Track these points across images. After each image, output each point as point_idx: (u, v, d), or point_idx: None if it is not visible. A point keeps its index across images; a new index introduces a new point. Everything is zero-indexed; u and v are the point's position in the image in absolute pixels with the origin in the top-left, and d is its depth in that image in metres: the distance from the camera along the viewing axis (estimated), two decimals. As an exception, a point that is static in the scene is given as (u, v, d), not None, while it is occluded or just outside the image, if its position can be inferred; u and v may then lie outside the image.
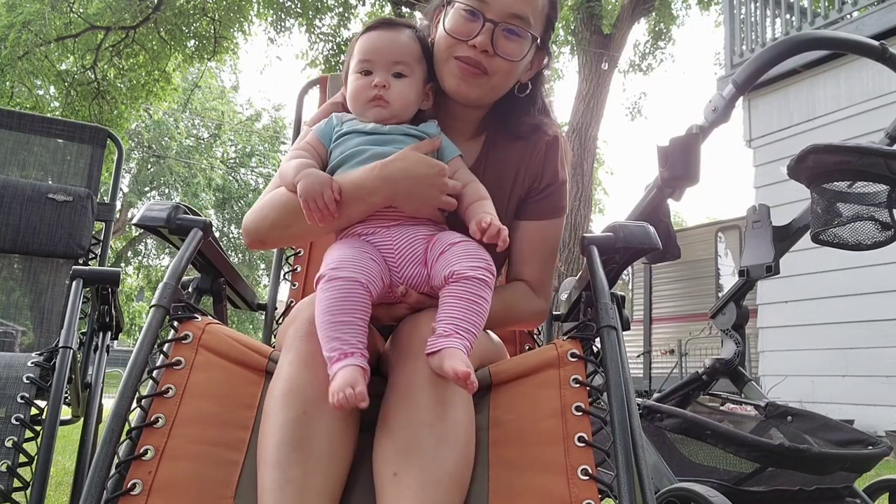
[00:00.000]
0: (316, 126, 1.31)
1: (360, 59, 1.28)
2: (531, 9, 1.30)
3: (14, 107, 9.81)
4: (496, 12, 1.27)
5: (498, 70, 1.29)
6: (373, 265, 1.13)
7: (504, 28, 1.27)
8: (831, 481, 1.68)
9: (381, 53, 1.27)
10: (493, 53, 1.27)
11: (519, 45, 1.30)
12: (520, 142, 1.40)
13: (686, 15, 13.31)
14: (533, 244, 1.39)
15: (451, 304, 1.09)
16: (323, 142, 1.28)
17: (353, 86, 1.29)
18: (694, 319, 7.96)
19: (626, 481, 0.96)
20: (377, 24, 1.33)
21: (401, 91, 1.27)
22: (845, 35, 2.05)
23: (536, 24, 1.32)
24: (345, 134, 1.27)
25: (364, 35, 1.31)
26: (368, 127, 1.26)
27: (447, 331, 1.06)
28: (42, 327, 2.35)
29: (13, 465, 1.42)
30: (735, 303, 2.13)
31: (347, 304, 1.06)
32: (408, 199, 1.20)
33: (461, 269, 1.11)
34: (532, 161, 1.40)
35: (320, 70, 10.79)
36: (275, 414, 1.02)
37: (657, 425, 1.71)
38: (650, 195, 1.81)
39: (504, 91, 1.35)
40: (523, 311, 1.38)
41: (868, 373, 5.42)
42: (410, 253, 1.19)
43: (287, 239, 1.39)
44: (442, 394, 1.05)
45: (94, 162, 2.60)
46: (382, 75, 1.26)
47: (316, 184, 1.15)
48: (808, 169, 1.79)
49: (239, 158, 22.65)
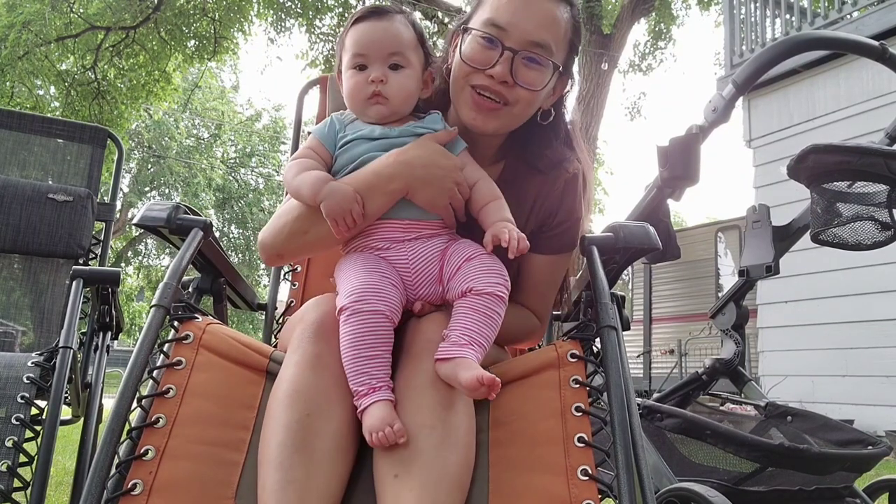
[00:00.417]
0: (316, 129, 1.27)
1: (353, 53, 1.22)
2: (553, 35, 1.24)
3: (14, 107, 9.81)
4: (516, 40, 1.21)
5: (518, 100, 1.24)
6: (393, 291, 1.12)
7: (524, 56, 1.22)
8: (831, 481, 1.68)
9: (375, 46, 1.21)
10: (513, 83, 1.22)
11: (540, 74, 1.24)
12: (539, 175, 1.35)
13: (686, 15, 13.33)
14: (540, 277, 1.37)
15: (467, 315, 1.09)
16: (326, 146, 1.24)
17: (350, 83, 1.24)
18: (694, 319, 7.96)
19: (626, 481, 0.96)
20: (366, 13, 1.25)
21: (400, 84, 1.22)
22: (845, 35, 2.05)
23: (558, 50, 1.26)
24: (350, 140, 1.23)
25: (354, 27, 1.24)
26: (377, 132, 1.22)
27: (462, 340, 1.06)
28: (42, 327, 2.35)
29: (13, 465, 1.42)
30: (735, 303, 2.13)
31: (373, 338, 1.06)
32: (424, 187, 1.18)
33: (479, 285, 1.11)
34: (549, 196, 1.35)
35: (320, 70, 10.79)
36: (278, 415, 1.02)
37: (657, 425, 1.71)
38: (650, 195, 1.81)
39: (524, 120, 1.30)
40: (520, 332, 1.38)
41: (868, 373, 5.42)
42: (426, 271, 1.18)
43: (305, 247, 1.27)
44: (443, 396, 1.05)
45: (94, 162, 2.60)
46: (379, 69, 1.21)
47: (342, 202, 1.14)
48: (808, 169, 1.79)
49: (239, 158, 22.65)
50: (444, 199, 1.20)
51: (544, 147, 1.34)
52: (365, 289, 1.09)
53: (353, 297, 1.08)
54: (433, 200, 1.19)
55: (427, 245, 1.19)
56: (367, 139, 1.22)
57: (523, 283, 1.37)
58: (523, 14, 1.22)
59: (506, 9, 1.23)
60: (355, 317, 1.07)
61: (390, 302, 1.10)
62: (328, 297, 1.19)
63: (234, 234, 22.12)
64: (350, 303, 1.08)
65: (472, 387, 1.00)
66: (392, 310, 1.10)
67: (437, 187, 1.18)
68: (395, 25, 1.23)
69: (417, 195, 1.18)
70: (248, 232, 21.91)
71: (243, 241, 21.96)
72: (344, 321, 1.08)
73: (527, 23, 1.22)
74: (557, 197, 1.35)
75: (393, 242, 1.19)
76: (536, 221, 1.35)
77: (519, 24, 1.22)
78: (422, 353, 1.10)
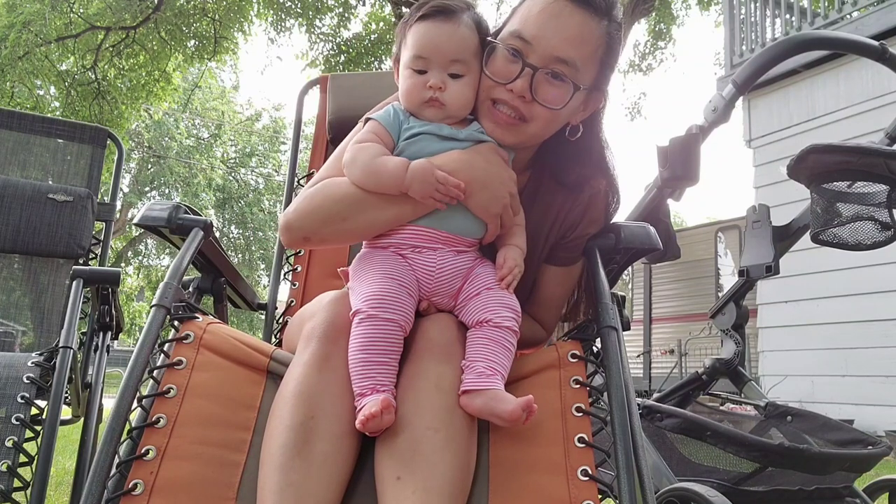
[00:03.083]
0: (379, 116, 1.22)
1: (414, 54, 1.18)
2: (579, 53, 1.17)
3: (14, 107, 9.81)
4: (539, 55, 1.16)
5: (537, 117, 1.19)
6: (409, 302, 1.12)
7: (547, 72, 1.17)
8: (831, 481, 1.68)
9: (438, 51, 1.17)
10: (531, 100, 1.17)
11: (561, 92, 1.18)
12: (565, 189, 1.31)
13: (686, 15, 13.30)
14: (553, 289, 1.36)
15: (488, 346, 1.10)
16: (391, 132, 1.21)
17: (407, 83, 1.20)
18: (694, 319, 7.96)
19: (626, 481, 0.96)
20: (433, 10, 1.18)
21: (458, 92, 1.18)
22: (845, 35, 2.05)
23: (586, 68, 1.19)
24: (417, 134, 1.20)
25: (419, 24, 1.19)
26: (445, 131, 1.20)
27: (488, 371, 1.06)
28: (42, 327, 2.35)
29: (13, 465, 1.42)
30: (735, 303, 2.13)
31: (384, 345, 1.07)
32: (481, 190, 1.16)
33: (497, 319, 1.11)
34: (573, 211, 1.31)
35: (320, 70, 10.79)
36: (281, 415, 1.02)
37: (657, 425, 1.71)
38: (650, 195, 1.81)
39: (545, 137, 1.25)
40: (525, 340, 1.34)
41: (868, 373, 5.42)
42: (448, 284, 1.17)
43: (340, 234, 1.20)
44: (445, 397, 1.05)
45: (94, 162, 2.60)
46: (438, 76, 1.17)
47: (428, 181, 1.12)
48: (808, 169, 1.79)
49: (239, 158, 22.64)
50: (497, 208, 1.18)
51: (573, 163, 1.29)
52: (383, 296, 1.09)
53: (370, 303, 1.08)
54: (487, 206, 1.17)
55: (457, 259, 1.18)
56: (435, 136, 1.20)
57: (536, 294, 1.36)
58: (551, 28, 1.16)
59: (534, 21, 1.18)
60: (369, 321, 1.07)
61: (406, 312, 1.11)
62: (342, 295, 1.18)
63: (234, 234, 22.12)
64: (366, 307, 1.08)
65: (516, 419, 1.02)
66: (406, 319, 1.10)
67: (493, 194, 1.17)
68: (461, 30, 1.18)
69: (474, 197, 1.16)
70: (248, 232, 21.93)
71: (243, 241, 21.97)
72: (357, 324, 1.08)
73: (553, 38, 1.16)
74: (581, 210, 1.31)
75: (425, 249, 1.18)
76: (558, 234, 1.32)
77: (544, 39, 1.16)
78: (423, 352, 1.10)
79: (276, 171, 22.33)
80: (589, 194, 1.30)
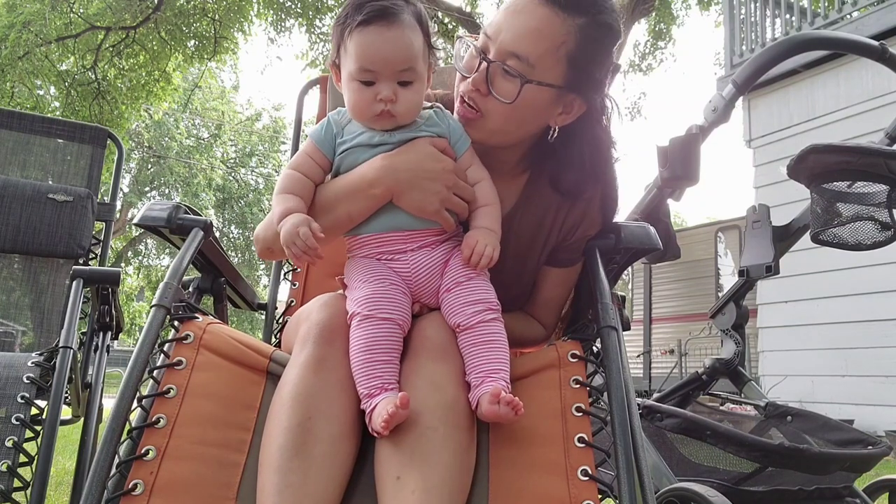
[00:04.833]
0: (313, 133, 1.22)
1: (359, 66, 1.12)
2: (534, 49, 1.14)
3: (14, 107, 9.81)
4: (496, 49, 1.16)
5: (492, 111, 1.18)
6: (404, 300, 1.13)
7: (501, 66, 1.15)
8: (831, 481, 1.68)
9: (386, 63, 1.12)
10: (487, 93, 1.17)
11: (514, 86, 1.15)
12: (559, 194, 1.30)
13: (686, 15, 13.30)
14: (554, 290, 1.36)
15: (472, 353, 1.10)
16: (325, 152, 1.21)
17: (355, 98, 1.15)
18: (694, 319, 7.96)
19: (626, 481, 0.96)
20: (372, 16, 1.11)
21: (409, 100, 1.15)
22: (845, 35, 2.05)
23: (543, 65, 1.15)
24: (350, 148, 1.19)
25: (360, 32, 1.12)
26: (376, 139, 1.18)
27: (477, 381, 1.07)
28: (42, 327, 2.35)
29: (13, 465, 1.42)
30: (735, 303, 2.13)
31: (386, 344, 1.08)
32: (410, 192, 1.15)
33: (464, 320, 1.12)
34: (571, 214, 1.30)
35: (320, 70, 10.79)
36: (279, 418, 1.02)
37: (657, 425, 1.71)
38: (650, 195, 1.81)
39: (512, 136, 1.24)
40: (523, 340, 1.37)
41: (868, 373, 5.42)
42: (428, 284, 1.18)
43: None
44: (444, 396, 1.05)
45: (94, 162, 2.60)
46: (389, 87, 1.13)
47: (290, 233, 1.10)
48: (808, 169, 1.79)
49: (239, 158, 22.63)
50: (433, 204, 1.15)
51: (567, 169, 1.27)
52: (378, 297, 1.10)
53: (367, 304, 1.09)
54: (421, 206, 1.16)
55: (430, 256, 1.18)
56: (366, 146, 1.19)
57: (536, 295, 1.36)
58: (508, 23, 1.16)
59: (499, 17, 1.19)
60: (369, 321, 1.08)
61: (403, 311, 1.11)
62: (336, 297, 1.18)
63: (234, 234, 22.11)
64: (363, 309, 1.09)
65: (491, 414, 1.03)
66: (404, 319, 1.11)
67: (423, 191, 1.15)
68: (406, 36, 1.12)
69: (403, 200, 1.16)
70: (248, 232, 21.89)
71: (243, 241, 21.95)
72: (357, 325, 1.08)
73: (508, 32, 1.16)
74: (579, 214, 1.29)
75: (396, 253, 1.18)
76: (557, 238, 1.31)
77: (501, 33, 1.16)
78: (419, 351, 1.10)
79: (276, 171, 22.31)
80: (585, 199, 1.29)
